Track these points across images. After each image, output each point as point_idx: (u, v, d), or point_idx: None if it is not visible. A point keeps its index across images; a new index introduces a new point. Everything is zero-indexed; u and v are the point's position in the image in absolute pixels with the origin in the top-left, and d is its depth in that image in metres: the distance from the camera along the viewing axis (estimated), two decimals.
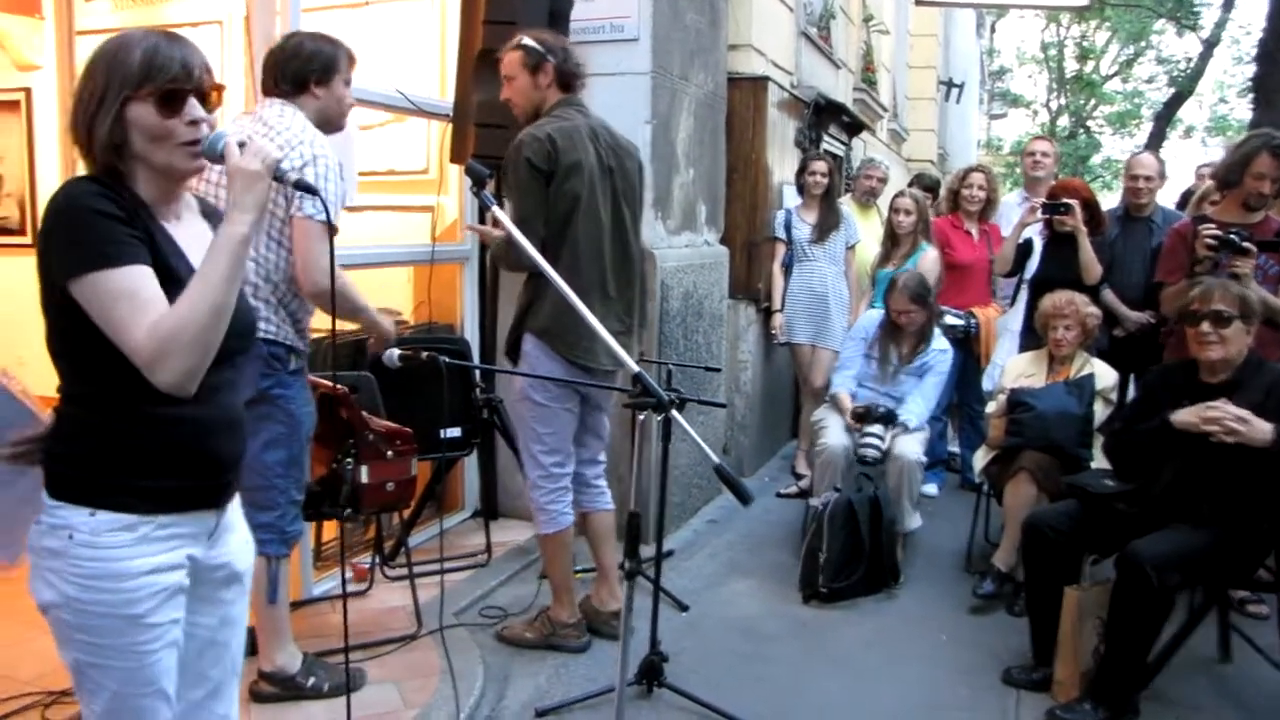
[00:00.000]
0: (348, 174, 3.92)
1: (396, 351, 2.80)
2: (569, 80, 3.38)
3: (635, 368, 2.07)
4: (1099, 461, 3.85)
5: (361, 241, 4.75)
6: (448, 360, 2.76)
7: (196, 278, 1.58)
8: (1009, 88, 29.77)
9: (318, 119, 2.91)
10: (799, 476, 5.81)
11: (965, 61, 17.31)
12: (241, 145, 1.64)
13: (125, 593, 1.62)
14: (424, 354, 2.74)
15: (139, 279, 1.56)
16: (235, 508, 1.86)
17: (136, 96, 1.60)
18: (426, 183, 4.94)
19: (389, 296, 4.86)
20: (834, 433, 4.55)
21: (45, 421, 1.70)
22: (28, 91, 5.11)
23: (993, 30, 26.53)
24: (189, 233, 1.73)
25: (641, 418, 2.10)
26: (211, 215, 1.83)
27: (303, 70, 2.89)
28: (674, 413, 2.07)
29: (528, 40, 3.35)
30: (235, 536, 1.86)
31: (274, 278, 2.79)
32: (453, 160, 4.32)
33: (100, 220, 1.56)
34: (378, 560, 3.95)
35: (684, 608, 4.00)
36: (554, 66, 3.34)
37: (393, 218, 4.97)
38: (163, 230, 1.66)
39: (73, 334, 1.59)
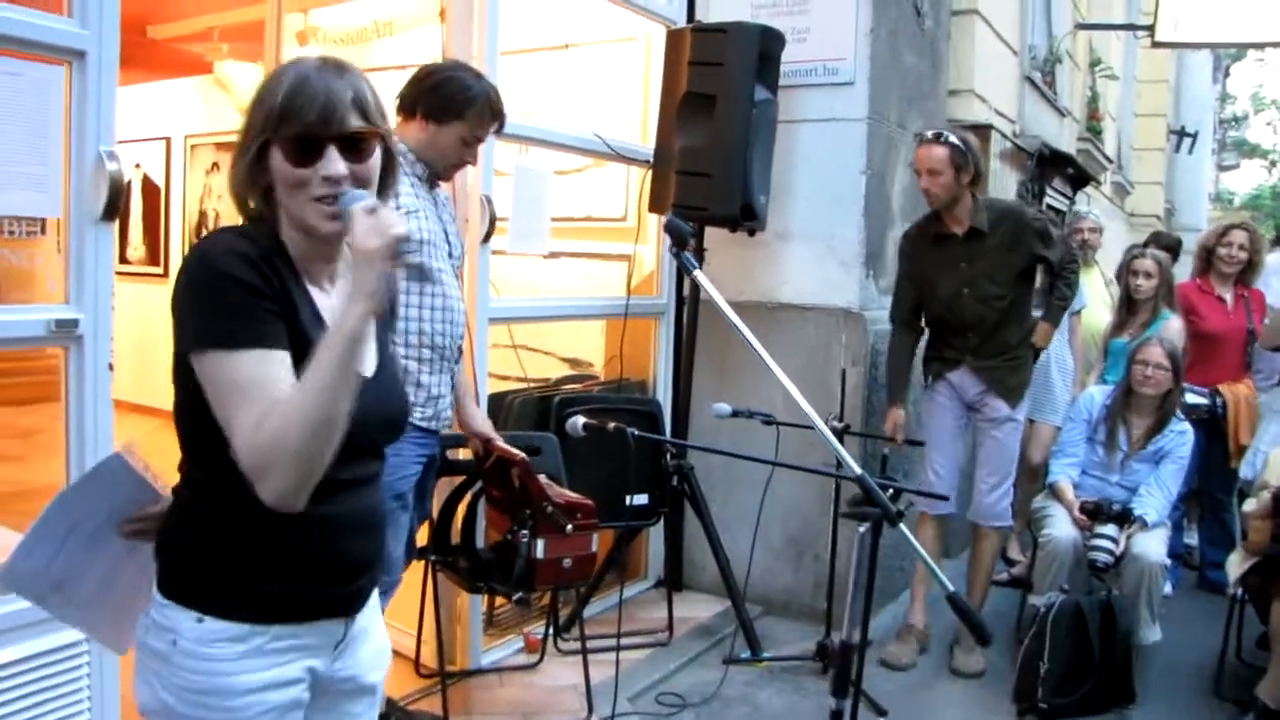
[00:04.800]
0: (538, 219, 3.78)
1: (581, 420, 2.56)
2: (978, 180, 3.82)
3: (858, 470, 1.74)
4: None
5: (555, 289, 4.61)
6: (636, 433, 2.50)
7: (301, 381, 1.30)
8: (1244, 136, 27.71)
9: (416, 155, 2.69)
10: (1010, 563, 5.28)
11: (1198, 109, 16.07)
12: (373, 211, 1.35)
13: (230, 711, 1.39)
14: (611, 426, 2.49)
15: (261, 367, 1.31)
16: (371, 613, 1.60)
17: (276, 139, 1.37)
18: (624, 230, 4.75)
19: (580, 349, 4.68)
20: (1060, 524, 4.03)
21: (165, 498, 1.51)
22: None
23: (1226, 74, 24.76)
24: (338, 303, 1.46)
25: (862, 529, 1.76)
26: None
27: (415, 98, 2.66)
28: (903, 527, 1.73)
29: (955, 140, 3.72)
30: (367, 647, 1.59)
31: None
32: (651, 209, 4.11)
33: (231, 288, 1.32)
34: (551, 631, 3.72)
35: (882, 713, 3.59)
36: (974, 167, 3.74)
37: (588, 265, 4.80)
38: (309, 299, 1.42)
39: (192, 410, 1.37)
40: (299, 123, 1.36)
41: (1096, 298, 5.62)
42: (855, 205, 4.25)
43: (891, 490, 1.97)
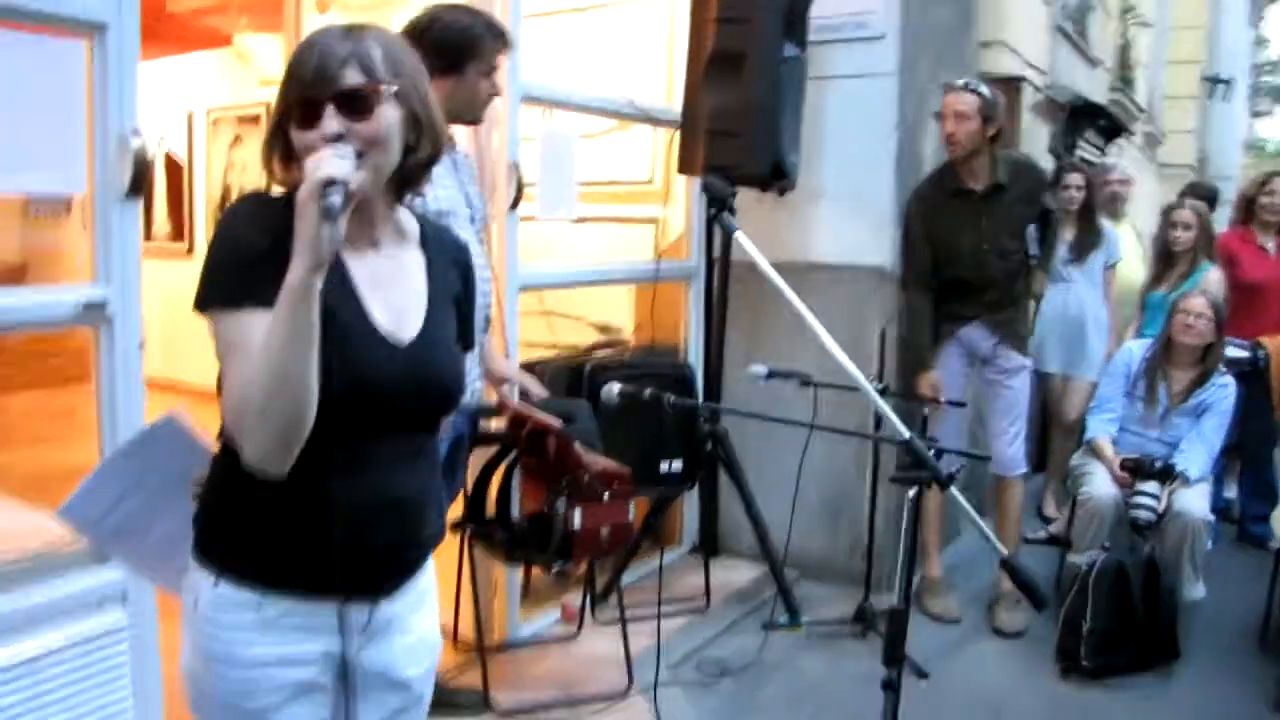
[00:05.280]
0: (566, 184, 3.72)
1: (617, 388, 2.51)
2: (999, 137, 3.89)
3: (907, 433, 1.69)
4: None
5: (582, 255, 4.56)
6: (674, 400, 2.46)
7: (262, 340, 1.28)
8: (1279, 82, 27.05)
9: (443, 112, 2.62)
10: (1047, 520, 5.23)
11: (1234, 55, 15.68)
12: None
13: (243, 682, 1.38)
14: (647, 393, 2.45)
15: (256, 328, 1.28)
16: (410, 604, 1.53)
17: (288, 107, 1.38)
18: (651, 193, 4.69)
19: (609, 314, 4.63)
20: (1100, 481, 3.97)
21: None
22: (268, 106, 5.20)
23: (1261, 18, 24.11)
24: (380, 266, 1.44)
25: (912, 493, 1.72)
26: (437, 242, 1.56)
27: (426, 57, 2.57)
28: (954, 490, 1.69)
29: (987, 92, 3.80)
30: (404, 639, 1.51)
31: None
32: (681, 170, 4.04)
33: (237, 251, 1.34)
34: (588, 601, 3.71)
35: (923, 675, 3.56)
36: (998, 125, 3.83)
37: (614, 230, 4.75)
38: (338, 264, 1.35)
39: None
40: (297, 86, 1.37)
41: (1129, 251, 5.51)
42: (887, 162, 4.18)
43: (934, 452, 1.93)
